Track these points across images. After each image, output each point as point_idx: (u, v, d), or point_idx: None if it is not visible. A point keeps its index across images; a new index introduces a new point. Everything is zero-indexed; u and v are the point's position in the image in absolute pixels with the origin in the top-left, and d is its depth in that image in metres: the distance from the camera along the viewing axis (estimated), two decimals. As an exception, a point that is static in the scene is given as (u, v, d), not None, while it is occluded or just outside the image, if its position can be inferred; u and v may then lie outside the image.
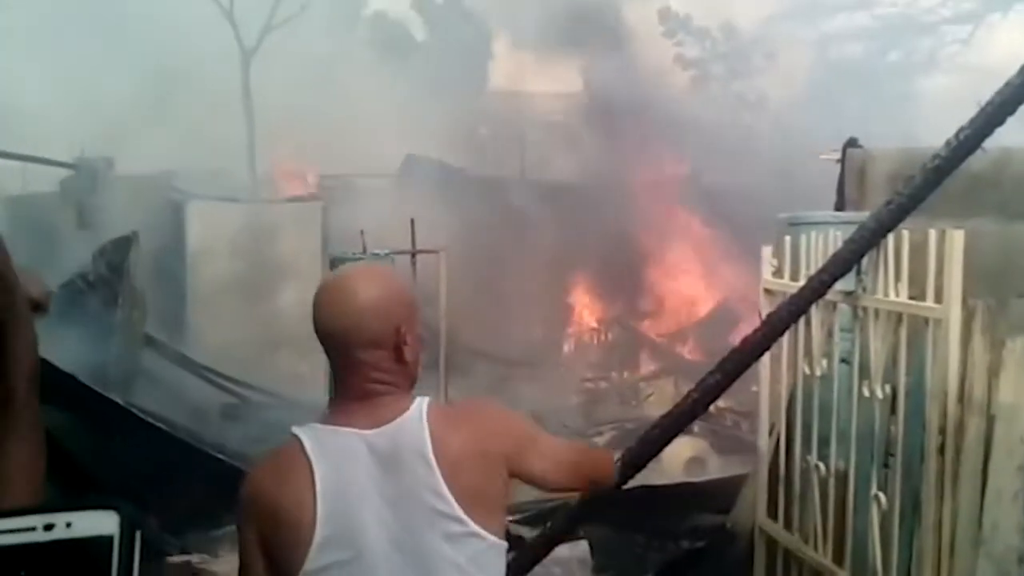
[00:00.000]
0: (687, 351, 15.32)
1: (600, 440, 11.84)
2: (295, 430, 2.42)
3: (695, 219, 16.94)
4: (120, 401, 7.94)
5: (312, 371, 11.83)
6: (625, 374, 14.71)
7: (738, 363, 4.19)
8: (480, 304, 12.90)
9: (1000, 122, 3.62)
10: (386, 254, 5.21)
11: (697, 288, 16.94)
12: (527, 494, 8.29)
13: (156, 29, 23.73)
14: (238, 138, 18.92)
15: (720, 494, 7.39)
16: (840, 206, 5.28)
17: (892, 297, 3.96)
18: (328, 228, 13.70)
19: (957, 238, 3.58)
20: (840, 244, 4.22)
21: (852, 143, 5.34)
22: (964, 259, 3.62)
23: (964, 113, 3.83)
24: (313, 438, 2.39)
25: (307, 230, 13.21)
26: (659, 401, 13.43)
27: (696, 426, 12.12)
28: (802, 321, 4.51)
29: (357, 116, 21.16)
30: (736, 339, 14.20)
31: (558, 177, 17.44)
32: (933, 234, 3.66)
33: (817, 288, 4.07)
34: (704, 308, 16.56)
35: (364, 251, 5.20)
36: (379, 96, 24.06)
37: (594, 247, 16.06)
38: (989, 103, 3.63)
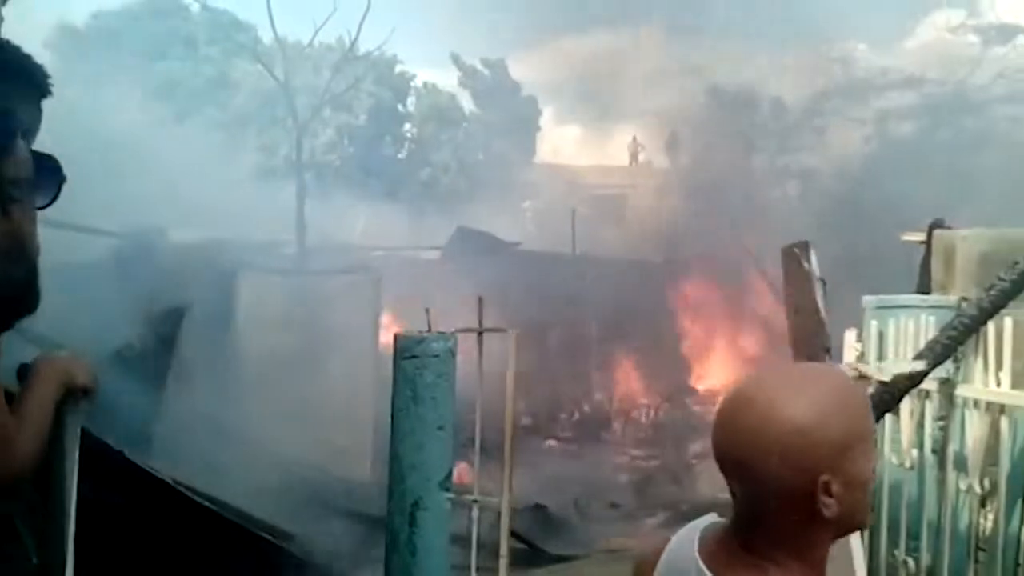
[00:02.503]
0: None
1: (652, 521, 11.49)
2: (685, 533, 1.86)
3: (754, 298, 16.70)
4: (169, 479, 7.78)
5: (356, 445, 11.67)
6: (677, 452, 14.36)
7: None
8: (533, 381, 12.68)
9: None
10: (453, 332, 5.04)
11: (751, 363, 16.62)
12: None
13: (212, 91, 24.24)
14: (288, 207, 18.99)
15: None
16: (924, 289, 5.05)
17: (992, 387, 3.73)
18: (381, 300, 13.63)
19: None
20: (932, 329, 4.01)
21: (938, 224, 5.14)
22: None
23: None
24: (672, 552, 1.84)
25: (360, 303, 13.10)
26: (711, 480, 13.07)
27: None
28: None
29: (404, 190, 21.32)
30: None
31: (609, 252, 17.31)
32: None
33: (913, 375, 3.84)
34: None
35: (429, 329, 5.04)
36: (426, 170, 24.26)
37: (646, 324, 15.85)
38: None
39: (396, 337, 4.91)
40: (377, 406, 10.42)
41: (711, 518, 1.84)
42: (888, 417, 4.31)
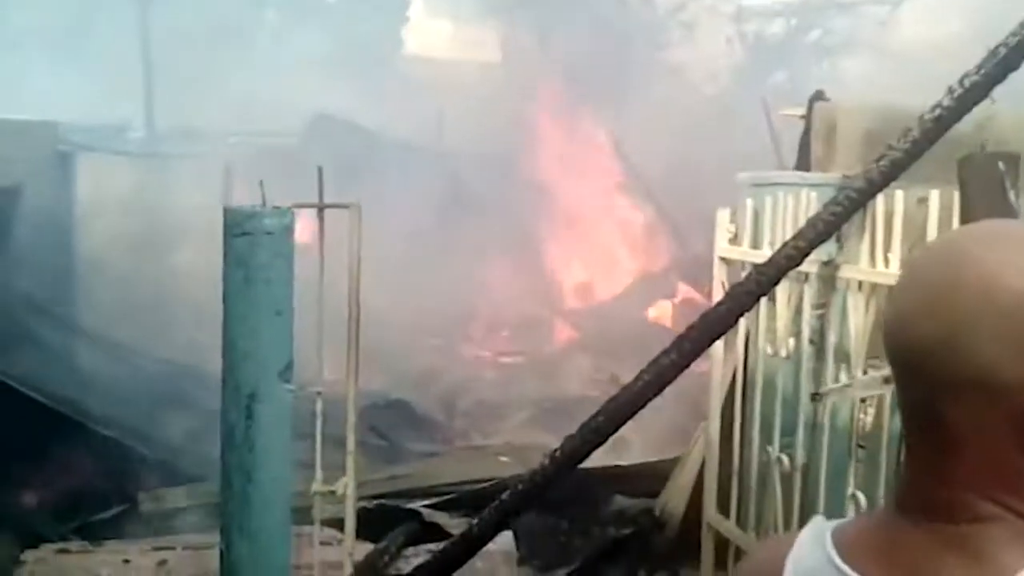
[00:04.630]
0: (605, 327, 14.89)
1: (521, 416, 11.34)
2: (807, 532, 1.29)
3: (617, 187, 16.56)
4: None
5: (211, 339, 11.05)
6: (545, 349, 14.20)
7: (697, 342, 3.66)
8: (393, 267, 12.22)
9: (1016, 66, 3.13)
10: (289, 207, 4.49)
11: (616, 259, 16.57)
12: (443, 476, 7.75)
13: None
14: (135, 89, 17.78)
15: (647, 478, 6.99)
16: (803, 167, 4.79)
17: (880, 268, 3.47)
18: (231, 188, 12.88)
19: (940, 200, 3.10)
20: (814, 206, 3.72)
21: (819, 96, 4.84)
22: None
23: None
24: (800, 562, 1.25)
25: (208, 188, 12.33)
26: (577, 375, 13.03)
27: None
28: (762, 294, 4.00)
29: (264, 73, 20.24)
30: (655, 315, 13.80)
31: (476, 147, 16.83)
32: (935, 196, 3.18)
33: (792, 256, 3.54)
34: (624, 281, 16.18)
35: (264, 203, 4.47)
36: (289, 53, 23.14)
37: (512, 215, 15.53)
38: (1003, 45, 3.14)
39: (225, 211, 4.35)
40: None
41: (821, 520, 1.31)
42: (763, 302, 4.05)
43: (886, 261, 3.46)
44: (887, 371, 3.38)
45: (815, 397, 3.77)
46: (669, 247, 16.29)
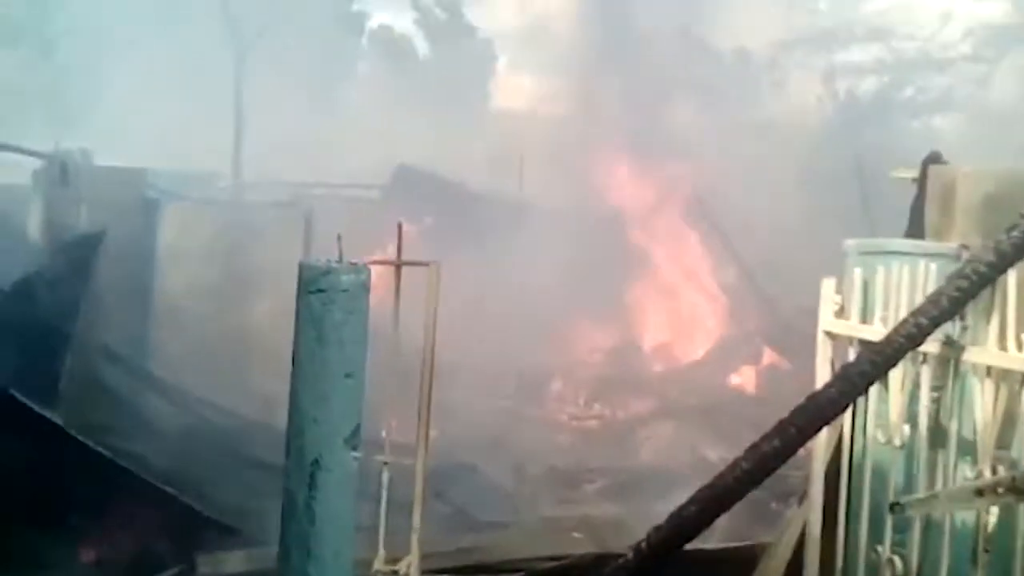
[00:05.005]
0: (685, 393, 14.40)
1: (591, 488, 10.89)
2: None
3: (700, 246, 16.15)
4: (60, 422, 7.03)
5: (284, 393, 10.87)
6: (620, 414, 13.72)
7: (804, 428, 3.28)
8: (469, 323, 11.98)
9: None
10: (366, 263, 4.25)
11: (701, 321, 16.12)
12: (512, 550, 7.36)
13: (149, 18, 23.01)
14: (225, 140, 18.05)
15: (731, 564, 6.51)
16: (916, 233, 4.40)
17: (1012, 352, 3.08)
18: (312, 238, 12.84)
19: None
20: (933, 279, 3.36)
21: (935, 158, 4.46)
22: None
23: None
24: None
25: (289, 239, 12.29)
26: (654, 445, 12.53)
27: (698, 478, 11.19)
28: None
29: (352, 126, 20.46)
30: (738, 382, 13.27)
31: (558, 199, 16.64)
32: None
33: (912, 335, 3.17)
34: (706, 344, 15.71)
35: (340, 259, 4.25)
36: (376, 107, 23.42)
37: (593, 271, 15.22)
38: None
39: (300, 267, 4.15)
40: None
41: None
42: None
43: (1019, 344, 3.07)
44: (986, 480, 2.97)
45: (894, 508, 3.39)
46: (755, 310, 15.80)
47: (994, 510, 3.26)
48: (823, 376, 4.02)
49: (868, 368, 3.26)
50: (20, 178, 13.22)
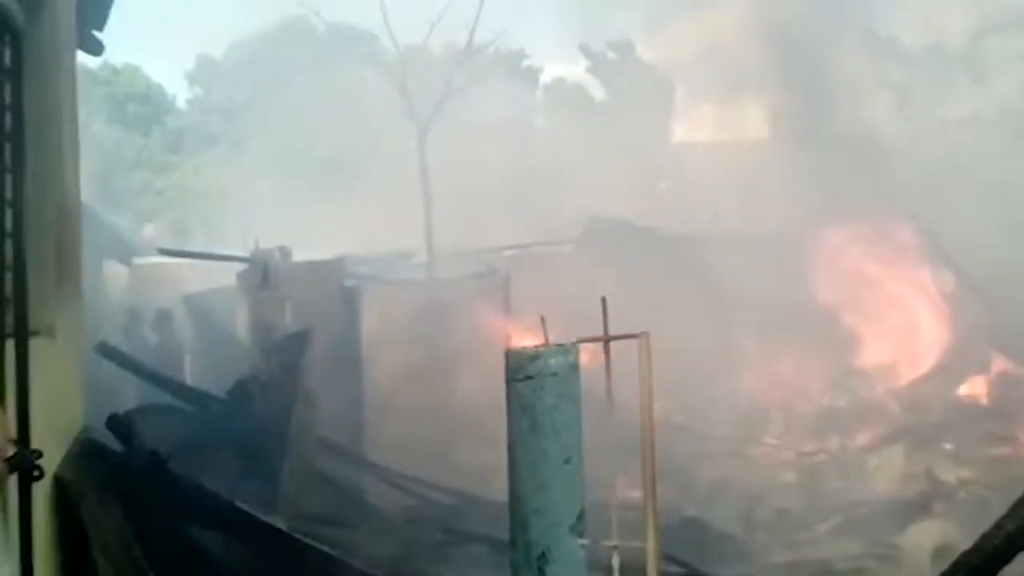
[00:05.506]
0: (914, 411, 13.52)
1: (825, 527, 10.32)
2: None
3: (911, 265, 15.22)
4: (284, 526, 7.20)
5: (498, 463, 10.85)
6: (848, 443, 12.97)
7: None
8: (673, 375, 11.68)
9: None
10: (574, 343, 4.15)
11: (922, 333, 15.17)
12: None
13: (327, 108, 24.16)
14: (415, 215, 18.56)
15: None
16: None
17: None
18: (511, 302, 12.92)
19: None
20: None
21: None
22: None
23: None
24: None
25: (489, 309, 12.41)
26: (887, 473, 11.77)
27: (938, 504, 10.48)
28: None
29: (537, 182, 20.64)
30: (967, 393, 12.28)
31: (754, 229, 16.12)
32: None
33: None
34: (926, 362, 14.74)
35: (546, 341, 4.17)
36: (560, 159, 23.58)
37: (800, 302, 14.60)
38: None
39: (506, 354, 4.09)
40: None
41: None
42: None
43: None
44: None
45: None
46: (978, 314, 14.71)
47: None
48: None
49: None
50: (227, 280, 13.93)
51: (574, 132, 26.64)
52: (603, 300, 4.44)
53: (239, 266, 13.08)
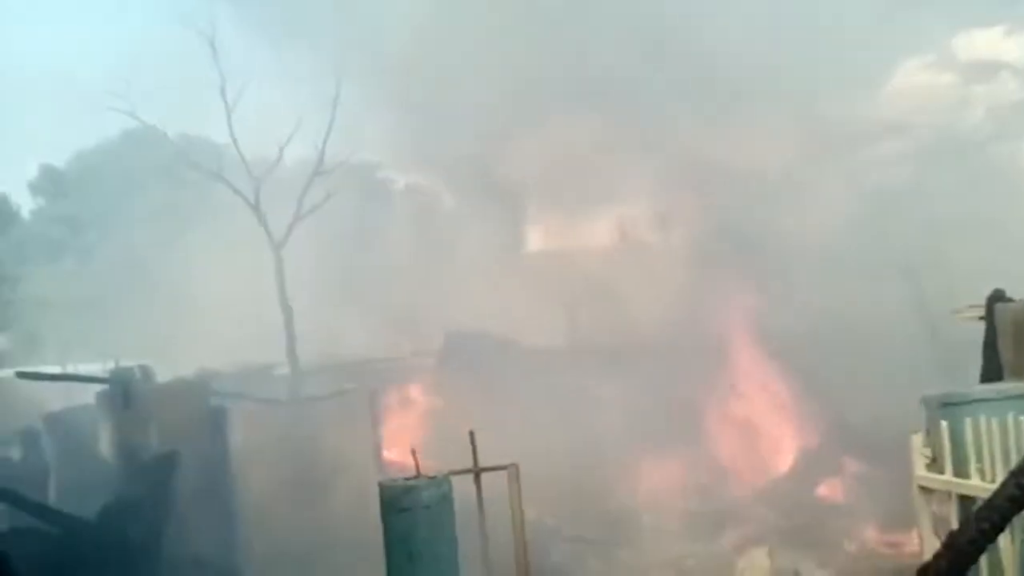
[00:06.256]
0: (772, 513, 14.10)
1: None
2: None
3: (763, 371, 16.01)
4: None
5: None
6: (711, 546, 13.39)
7: (924, 601, 3.26)
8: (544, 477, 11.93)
9: None
10: (446, 475, 4.37)
11: (772, 443, 15.88)
12: None
13: (179, 219, 23.84)
14: (277, 331, 18.43)
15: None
16: (991, 374, 4.42)
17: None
18: (378, 417, 13.01)
19: None
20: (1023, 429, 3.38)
21: (998, 296, 4.52)
22: None
23: None
24: None
25: (356, 422, 12.46)
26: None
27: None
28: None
29: (394, 298, 20.78)
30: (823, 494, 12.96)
31: (610, 339, 16.65)
32: None
33: (1015, 497, 3.18)
34: (783, 462, 15.44)
35: (418, 473, 4.37)
36: (417, 271, 23.83)
37: (658, 405, 15.11)
38: None
39: (381, 488, 4.25)
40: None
41: None
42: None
43: None
44: None
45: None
46: (826, 417, 15.53)
47: None
48: (926, 531, 4.01)
49: (976, 536, 3.25)
50: (88, 397, 13.47)
51: (428, 243, 26.97)
52: (471, 434, 4.68)
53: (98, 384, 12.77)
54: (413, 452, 4.64)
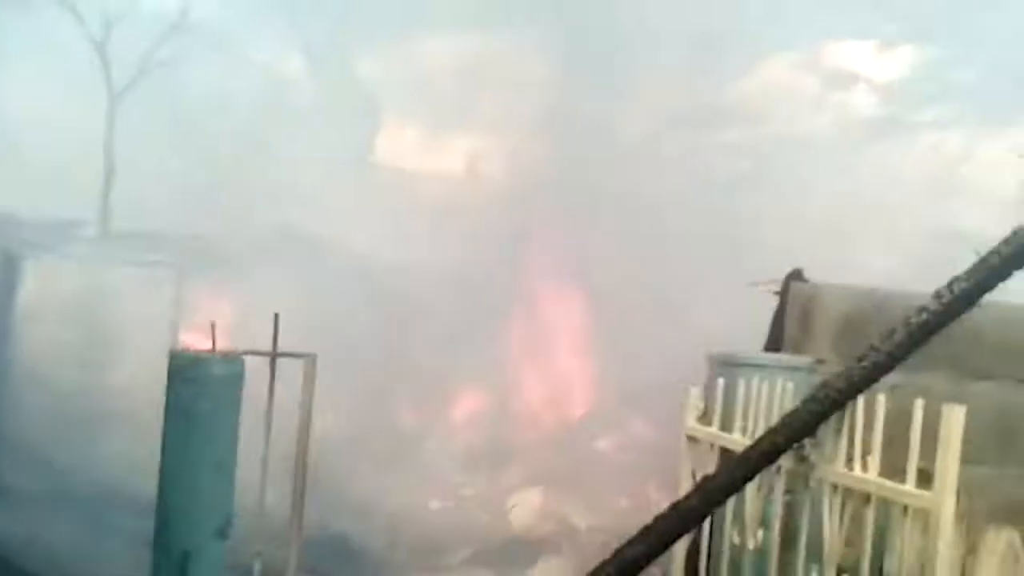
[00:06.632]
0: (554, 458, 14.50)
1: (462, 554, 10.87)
2: None
3: (571, 320, 16.35)
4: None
5: (148, 457, 10.51)
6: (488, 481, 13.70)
7: (666, 534, 3.42)
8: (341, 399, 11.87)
9: (1007, 276, 3.01)
10: (240, 354, 4.25)
11: (566, 391, 16.29)
12: None
13: (18, 56, 22.27)
14: (94, 187, 17.51)
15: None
16: (775, 344, 4.63)
17: (858, 472, 3.27)
18: (184, 297, 12.57)
19: (956, 416, 2.91)
20: (789, 397, 3.55)
21: (797, 275, 4.73)
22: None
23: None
24: None
25: (156, 299, 12.01)
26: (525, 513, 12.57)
27: (567, 544, 11.36)
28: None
29: (230, 177, 20.09)
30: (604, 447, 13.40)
31: (440, 263, 16.63)
32: (920, 406, 3.00)
33: (767, 452, 3.35)
34: (575, 412, 15.88)
35: (214, 347, 4.24)
36: (255, 158, 23.08)
37: (467, 341, 15.25)
38: (995, 252, 3.01)
39: (170, 355, 4.11)
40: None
41: None
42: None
43: (863, 466, 3.27)
44: None
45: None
46: (616, 373, 16.05)
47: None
48: (685, 476, 4.18)
49: (727, 482, 3.42)
50: None
51: (278, 130, 26.18)
52: (276, 316, 4.59)
53: None
54: (212, 326, 4.48)
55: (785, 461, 3.56)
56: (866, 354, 3.21)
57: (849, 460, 3.36)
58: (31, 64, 21.00)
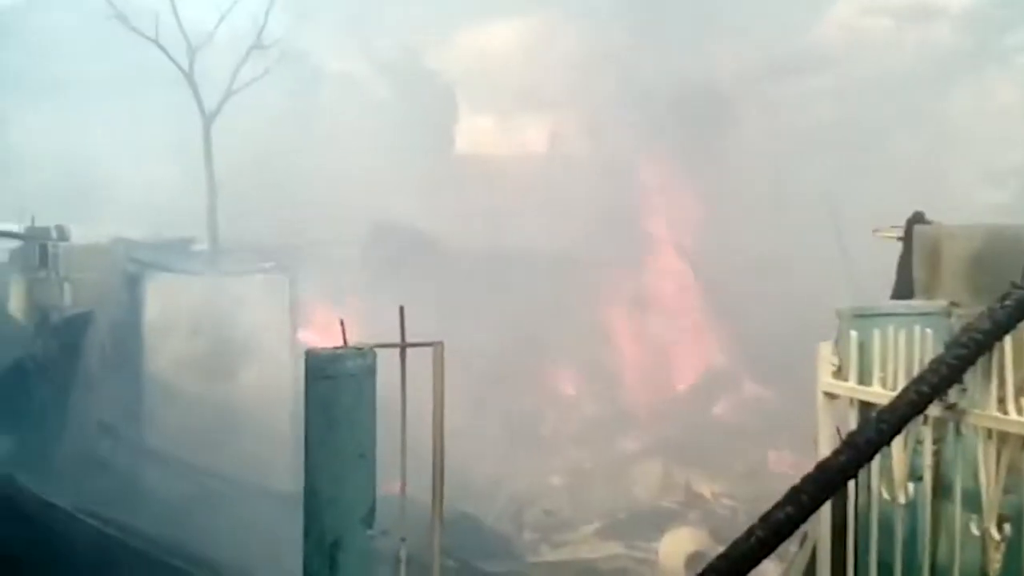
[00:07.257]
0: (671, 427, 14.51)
1: (589, 529, 11.02)
2: None
3: (678, 292, 16.31)
4: (65, 505, 7.06)
5: (275, 455, 10.91)
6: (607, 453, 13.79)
7: (815, 495, 3.40)
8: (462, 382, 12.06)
9: None
10: (371, 347, 4.38)
11: (676, 357, 16.27)
12: None
13: (113, 90, 23.01)
14: (198, 205, 18.09)
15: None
16: (903, 292, 4.57)
17: (1012, 415, 3.23)
18: (296, 300, 12.95)
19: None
20: (929, 343, 3.53)
21: (918, 218, 4.65)
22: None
23: None
24: None
25: (273, 304, 12.39)
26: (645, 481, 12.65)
27: (693, 513, 11.40)
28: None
29: (322, 181, 20.50)
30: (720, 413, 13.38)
31: (532, 243, 16.74)
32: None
33: (914, 402, 3.32)
34: (687, 378, 15.87)
35: (345, 344, 4.38)
36: (346, 160, 23.47)
37: (569, 318, 15.34)
38: None
39: (307, 355, 4.27)
40: (297, 413, 9.75)
41: None
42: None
43: (1019, 408, 3.23)
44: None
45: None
46: (730, 340, 15.93)
47: (999, 558, 3.41)
48: (825, 435, 4.16)
49: (874, 436, 3.40)
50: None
51: (360, 133, 26.59)
52: (401, 309, 4.71)
53: (12, 241, 12.42)
54: (341, 323, 4.63)
55: (932, 410, 3.52)
56: (1009, 292, 3.17)
57: (1001, 402, 3.30)
58: (126, 99, 21.77)
